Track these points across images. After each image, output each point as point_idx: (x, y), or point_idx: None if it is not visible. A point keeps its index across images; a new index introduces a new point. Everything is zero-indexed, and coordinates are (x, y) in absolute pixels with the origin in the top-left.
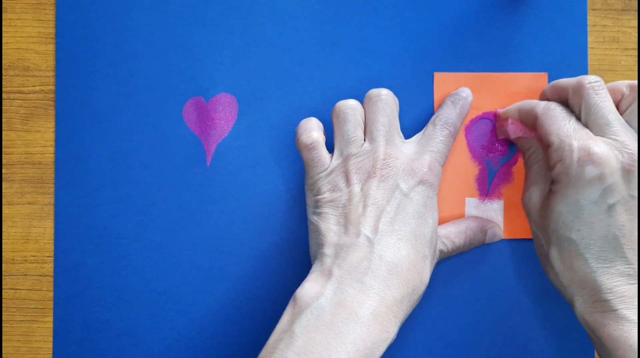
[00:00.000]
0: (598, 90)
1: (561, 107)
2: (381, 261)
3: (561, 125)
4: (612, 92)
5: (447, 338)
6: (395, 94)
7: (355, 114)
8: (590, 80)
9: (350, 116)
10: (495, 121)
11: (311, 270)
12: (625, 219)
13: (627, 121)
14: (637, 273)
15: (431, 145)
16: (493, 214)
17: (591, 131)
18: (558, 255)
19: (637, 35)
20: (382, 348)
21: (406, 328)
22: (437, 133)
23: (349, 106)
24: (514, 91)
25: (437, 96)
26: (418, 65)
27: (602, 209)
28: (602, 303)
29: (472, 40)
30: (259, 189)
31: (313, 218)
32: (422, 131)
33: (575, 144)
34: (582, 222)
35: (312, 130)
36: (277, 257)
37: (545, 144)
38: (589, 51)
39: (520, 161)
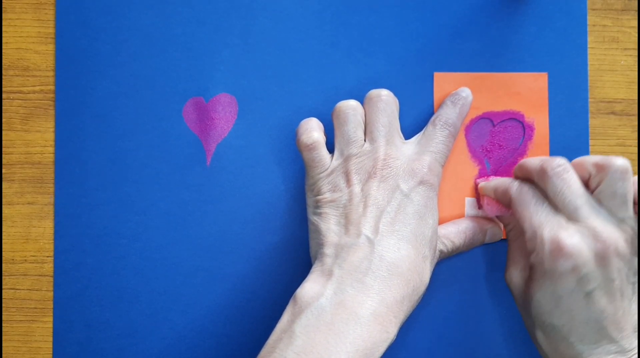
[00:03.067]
0: (562, 175)
1: (533, 191)
2: (381, 262)
3: (533, 212)
4: (579, 169)
5: (447, 338)
6: (395, 94)
7: (356, 115)
8: (553, 166)
9: (350, 117)
10: (477, 191)
11: (311, 270)
12: (605, 303)
13: (597, 201)
14: (623, 350)
15: (431, 145)
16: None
17: (563, 215)
18: (544, 337)
19: (637, 35)
20: (382, 349)
21: (406, 328)
22: (437, 133)
23: (350, 107)
24: (514, 91)
25: (437, 96)
26: (418, 65)
27: (580, 297)
28: None
29: (472, 40)
30: (259, 189)
31: (313, 218)
32: (422, 132)
33: (547, 234)
34: (562, 311)
35: (312, 130)
36: (277, 257)
37: (520, 229)
38: (589, 51)
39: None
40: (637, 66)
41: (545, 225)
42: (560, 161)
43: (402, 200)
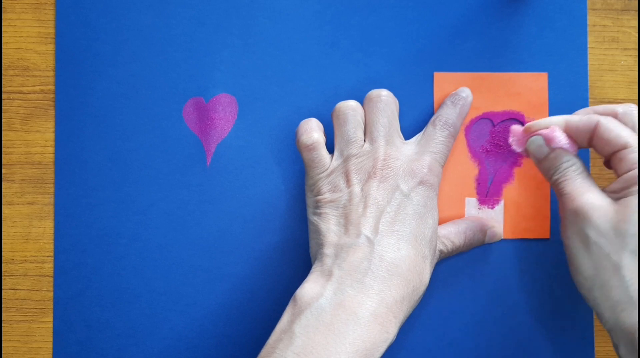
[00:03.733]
0: None
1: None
2: (381, 262)
3: (629, 131)
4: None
5: (447, 338)
6: (395, 94)
7: (356, 115)
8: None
9: (350, 117)
10: (511, 135)
11: (311, 270)
12: None
13: None
14: None
15: (431, 146)
16: (493, 214)
17: None
18: (634, 263)
19: (637, 35)
20: (382, 349)
21: (406, 328)
22: (437, 134)
23: (349, 107)
24: (514, 91)
25: (437, 96)
26: (418, 65)
27: None
28: None
29: (472, 40)
30: (259, 189)
31: (313, 218)
32: (422, 132)
33: None
34: None
35: (312, 130)
36: (277, 257)
37: (611, 149)
38: (589, 51)
39: (521, 162)
40: (637, 66)
41: None
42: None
43: (402, 200)
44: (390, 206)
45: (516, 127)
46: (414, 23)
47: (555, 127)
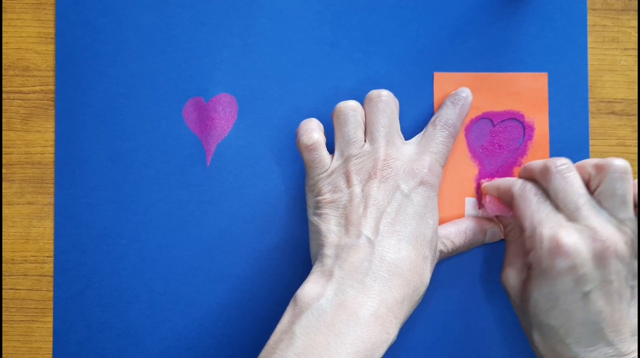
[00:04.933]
0: (565, 174)
1: (536, 189)
2: (382, 262)
3: (534, 210)
4: (580, 171)
5: (447, 338)
6: (395, 94)
7: (356, 115)
8: (557, 164)
9: (350, 117)
10: (478, 191)
11: (312, 271)
12: (602, 304)
13: (597, 202)
14: (620, 354)
15: (431, 146)
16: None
17: (564, 215)
18: (540, 338)
19: (637, 35)
20: (383, 349)
21: (406, 328)
22: (437, 134)
23: (350, 107)
24: (514, 91)
25: (437, 96)
26: (418, 65)
27: (578, 297)
28: None
29: (472, 40)
30: (259, 189)
31: (314, 218)
32: (422, 132)
33: (546, 232)
34: (559, 311)
35: (312, 131)
36: (277, 257)
37: (520, 228)
38: (589, 51)
39: (521, 162)
40: (637, 66)
41: (545, 223)
42: (563, 161)
43: (403, 201)
44: (391, 207)
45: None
46: (414, 23)
47: (490, 197)
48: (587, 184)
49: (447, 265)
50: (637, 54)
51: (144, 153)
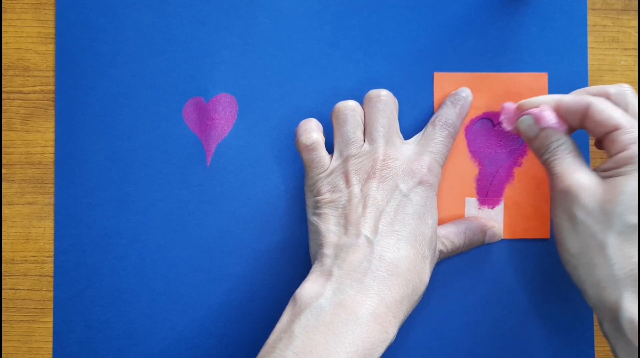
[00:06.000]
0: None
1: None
2: (381, 262)
3: (621, 112)
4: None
5: (447, 338)
6: (395, 94)
7: (355, 115)
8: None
9: (349, 117)
10: (503, 114)
11: (311, 270)
12: None
13: None
14: None
15: (430, 146)
16: (493, 214)
17: None
18: (618, 242)
19: (637, 35)
20: (382, 349)
21: (406, 328)
22: (436, 134)
23: (349, 107)
24: (514, 91)
25: (437, 96)
26: (418, 65)
27: None
28: None
29: (472, 40)
30: (259, 189)
31: (313, 218)
32: (421, 132)
33: None
34: None
35: (311, 131)
36: (277, 257)
37: (603, 131)
38: (589, 51)
39: (521, 162)
40: (637, 66)
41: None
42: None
43: (402, 200)
44: (390, 206)
45: (508, 105)
46: (414, 23)
47: (545, 107)
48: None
49: (447, 265)
50: (637, 54)
51: (144, 153)
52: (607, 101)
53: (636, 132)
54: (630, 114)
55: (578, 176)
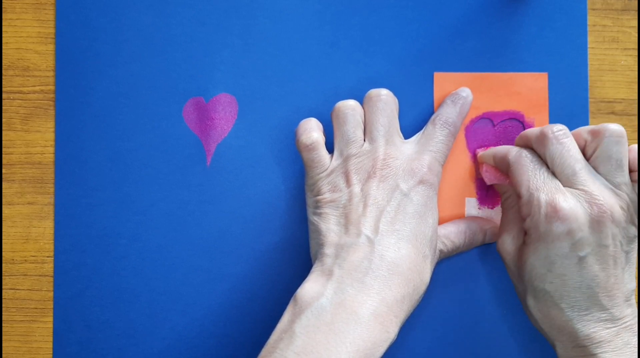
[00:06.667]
0: (561, 139)
1: (532, 155)
2: (382, 261)
3: (531, 176)
4: (576, 138)
5: (447, 338)
6: (395, 94)
7: (355, 115)
8: (553, 130)
9: (350, 117)
10: (475, 160)
11: (312, 270)
12: (597, 269)
13: (594, 167)
14: (613, 318)
15: (431, 145)
16: (493, 214)
17: (560, 180)
18: (535, 303)
19: (637, 35)
20: (383, 349)
21: (407, 328)
22: (436, 133)
23: (349, 107)
24: (514, 91)
25: (437, 96)
26: (418, 65)
27: (573, 262)
28: (581, 348)
29: (472, 40)
30: (259, 189)
31: (313, 218)
32: (421, 131)
33: (543, 198)
34: (554, 275)
35: (312, 130)
36: (277, 257)
37: (517, 194)
38: (589, 51)
39: None
40: (637, 66)
41: (542, 188)
42: (560, 126)
43: (402, 200)
44: (390, 206)
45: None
46: (414, 23)
47: (484, 166)
48: (583, 151)
49: (447, 265)
50: (637, 54)
51: (144, 153)
52: (526, 158)
53: (532, 204)
54: (549, 164)
55: (504, 238)
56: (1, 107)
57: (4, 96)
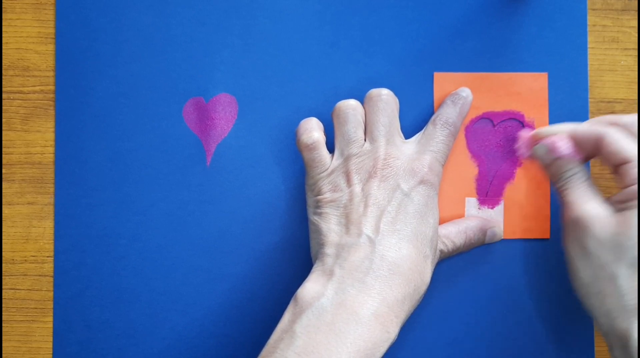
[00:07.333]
0: None
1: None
2: (382, 261)
3: (634, 144)
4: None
5: (447, 338)
6: (395, 94)
7: (356, 114)
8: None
9: (350, 116)
10: (519, 141)
11: (312, 270)
12: None
13: None
14: None
15: (431, 145)
16: (493, 214)
17: None
18: (629, 274)
19: (637, 35)
20: (383, 349)
21: (407, 328)
22: (437, 133)
23: (350, 106)
24: (514, 91)
25: (437, 96)
26: (418, 65)
27: None
28: None
29: (472, 40)
30: (259, 189)
31: (314, 218)
32: (422, 131)
33: None
34: None
35: (312, 130)
36: (277, 257)
37: (614, 162)
38: (589, 51)
39: (521, 162)
40: (637, 66)
41: None
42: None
43: (403, 200)
44: (391, 206)
45: (524, 133)
46: (414, 23)
47: (561, 136)
48: None
49: (447, 265)
50: (637, 54)
51: (144, 153)
52: (622, 132)
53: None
54: None
55: (590, 206)
56: (1, 107)
57: (4, 96)
